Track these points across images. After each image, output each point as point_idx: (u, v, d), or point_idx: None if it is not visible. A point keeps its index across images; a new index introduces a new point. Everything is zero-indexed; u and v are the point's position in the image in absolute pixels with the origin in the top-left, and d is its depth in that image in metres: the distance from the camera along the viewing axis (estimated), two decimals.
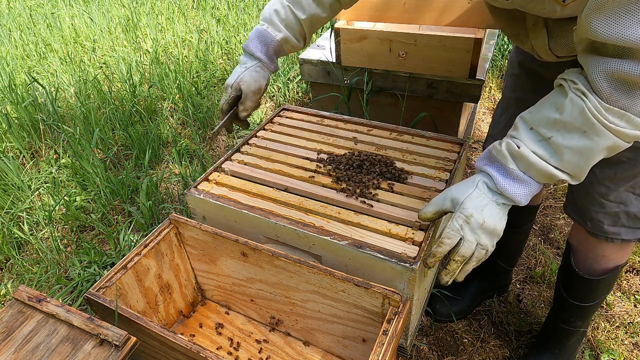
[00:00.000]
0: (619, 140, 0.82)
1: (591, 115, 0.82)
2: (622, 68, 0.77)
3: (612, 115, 0.80)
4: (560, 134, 0.85)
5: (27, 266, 1.79)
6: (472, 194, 0.93)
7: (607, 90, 0.80)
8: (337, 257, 1.14)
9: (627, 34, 0.71)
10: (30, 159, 2.39)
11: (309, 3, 1.21)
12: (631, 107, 0.79)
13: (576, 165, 0.87)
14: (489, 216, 0.91)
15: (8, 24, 4.27)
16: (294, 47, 1.27)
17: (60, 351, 0.88)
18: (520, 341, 1.47)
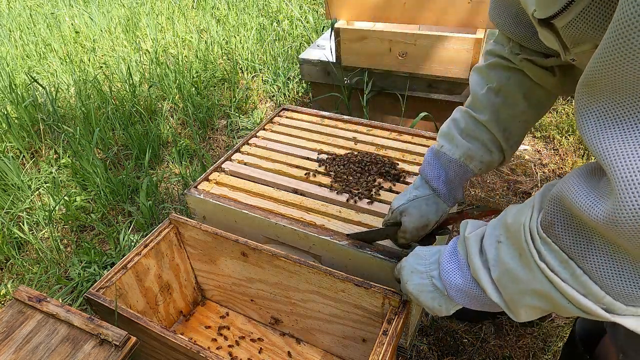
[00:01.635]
0: (557, 294, 0.59)
1: (523, 237, 0.61)
2: (573, 196, 0.54)
3: (548, 252, 0.58)
4: (507, 243, 0.66)
5: (27, 266, 1.79)
6: (422, 253, 0.84)
7: (549, 216, 0.58)
8: (337, 257, 1.14)
9: (601, 146, 0.48)
10: (30, 159, 2.39)
11: (489, 98, 0.91)
12: (580, 259, 0.55)
13: (509, 293, 0.66)
14: (414, 283, 0.81)
15: (8, 24, 4.27)
16: (486, 162, 0.95)
17: (60, 351, 0.88)
18: (520, 342, 1.47)
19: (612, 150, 0.47)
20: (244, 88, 2.95)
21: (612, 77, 0.46)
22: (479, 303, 0.74)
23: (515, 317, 0.69)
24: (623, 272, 0.52)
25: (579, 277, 0.55)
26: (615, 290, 0.53)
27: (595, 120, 0.49)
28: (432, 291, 0.79)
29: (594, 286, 0.54)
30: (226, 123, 2.66)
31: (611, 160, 0.47)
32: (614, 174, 0.47)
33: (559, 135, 2.36)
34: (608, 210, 0.48)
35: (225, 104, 2.79)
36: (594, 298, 0.55)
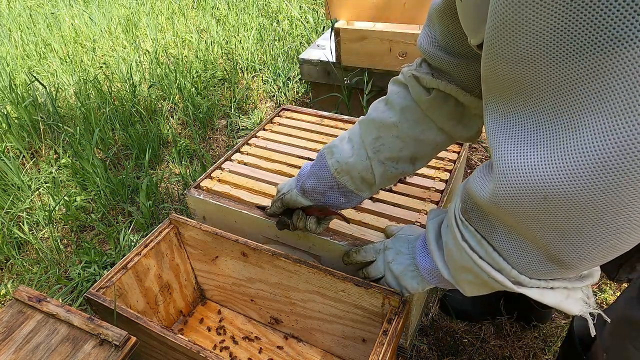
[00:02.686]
0: (479, 270, 0.65)
1: (452, 221, 0.69)
2: (473, 181, 0.61)
3: (467, 233, 0.65)
4: (446, 228, 0.74)
5: (27, 266, 1.79)
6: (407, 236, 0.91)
7: (464, 203, 0.66)
8: (337, 257, 1.14)
9: (490, 136, 0.54)
10: (30, 159, 2.39)
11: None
12: (488, 237, 0.62)
13: (452, 269, 0.75)
14: (399, 262, 0.89)
15: (8, 24, 4.27)
16: (346, 165, 0.94)
17: (60, 351, 0.88)
18: (520, 342, 1.47)
19: (497, 141, 0.53)
20: (244, 88, 2.95)
21: (491, 77, 0.52)
22: (445, 283, 0.81)
23: (463, 292, 0.76)
24: (521, 248, 0.58)
25: (491, 254, 0.62)
26: (518, 264, 0.60)
27: (489, 112, 0.55)
28: (413, 270, 0.87)
29: (502, 262, 0.61)
30: (226, 123, 2.66)
31: (496, 148, 0.53)
32: (493, 164, 0.54)
33: None
34: (490, 191, 0.56)
35: (225, 104, 2.79)
36: (505, 273, 0.62)
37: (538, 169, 0.48)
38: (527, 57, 0.45)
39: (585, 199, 0.46)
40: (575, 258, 0.53)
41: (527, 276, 0.60)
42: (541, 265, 0.58)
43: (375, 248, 0.97)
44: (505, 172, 0.51)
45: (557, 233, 0.51)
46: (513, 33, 0.45)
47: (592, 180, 0.44)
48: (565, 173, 0.46)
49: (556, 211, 0.49)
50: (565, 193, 0.47)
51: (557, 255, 0.54)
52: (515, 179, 0.51)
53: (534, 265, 0.58)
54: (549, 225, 0.51)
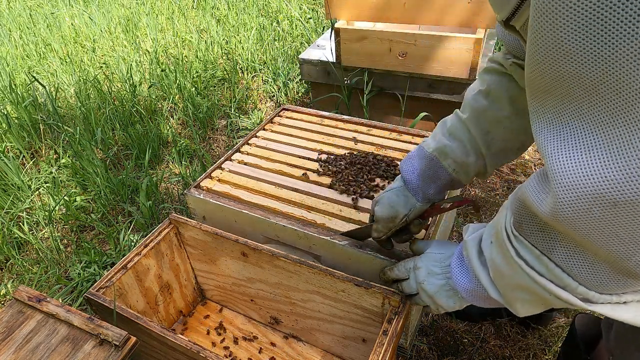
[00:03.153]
0: (539, 288, 0.60)
1: (502, 237, 0.64)
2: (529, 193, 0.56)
3: (523, 249, 0.61)
4: (495, 244, 0.69)
5: (27, 266, 1.79)
6: (438, 253, 0.87)
7: (517, 216, 0.62)
8: (337, 257, 1.14)
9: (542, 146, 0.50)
10: (30, 159, 2.39)
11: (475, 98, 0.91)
12: (549, 251, 0.58)
13: (504, 291, 0.70)
14: (431, 284, 0.85)
15: (8, 24, 4.27)
16: (460, 163, 0.92)
17: (60, 351, 0.88)
18: (521, 342, 1.47)
19: (550, 149, 0.49)
20: (244, 88, 2.95)
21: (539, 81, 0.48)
22: (489, 302, 0.76)
23: (515, 312, 0.70)
24: (588, 263, 0.54)
25: (553, 270, 0.57)
26: (586, 279, 0.55)
27: (535, 120, 0.51)
28: (448, 290, 0.82)
29: (567, 278, 0.56)
30: (226, 123, 2.66)
31: (549, 159, 0.49)
32: (550, 175, 0.50)
33: None
34: (550, 205, 0.51)
35: (225, 104, 2.79)
36: (570, 289, 0.57)
37: (602, 175, 0.44)
38: (572, 50, 0.42)
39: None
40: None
41: (597, 292, 0.55)
42: (612, 279, 0.53)
43: (406, 266, 0.92)
44: (565, 184, 0.48)
45: (629, 244, 0.47)
46: (555, 23, 0.42)
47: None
48: (636, 174, 0.42)
49: (628, 218, 0.45)
50: (633, 194, 0.43)
51: (630, 268, 0.50)
52: (577, 189, 0.47)
53: (604, 280, 0.53)
54: (620, 235, 0.47)
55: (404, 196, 0.97)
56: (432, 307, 0.88)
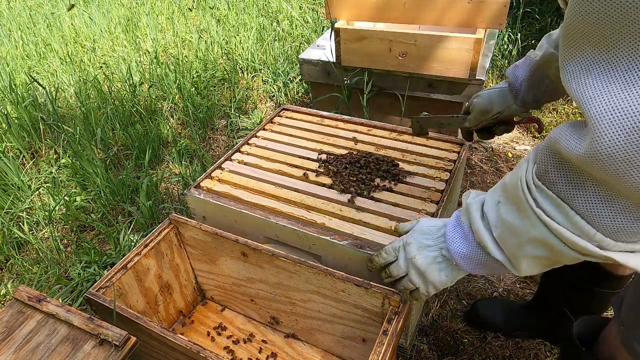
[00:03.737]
0: (555, 239, 0.63)
1: (520, 188, 0.66)
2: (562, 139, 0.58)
3: (543, 199, 0.63)
4: (506, 202, 0.71)
5: (27, 266, 1.79)
6: (428, 227, 0.87)
7: (542, 165, 0.63)
8: (337, 257, 1.14)
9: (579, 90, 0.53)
10: (30, 159, 2.39)
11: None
12: (571, 199, 0.60)
13: (510, 247, 0.71)
14: (423, 257, 0.85)
15: (8, 24, 4.27)
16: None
17: (60, 351, 0.88)
18: (521, 342, 1.47)
19: (588, 92, 0.52)
20: (244, 88, 2.95)
21: (580, 26, 0.51)
22: (485, 267, 0.78)
23: (517, 272, 0.73)
24: (610, 208, 0.57)
25: (572, 218, 0.60)
26: (604, 226, 0.58)
27: (573, 68, 0.54)
28: (441, 262, 0.83)
29: (585, 225, 0.59)
30: (226, 123, 2.66)
31: (588, 101, 0.52)
32: (589, 115, 0.52)
33: None
34: (587, 146, 0.53)
35: (225, 104, 2.79)
36: (587, 237, 0.59)
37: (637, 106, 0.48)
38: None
39: None
40: None
41: (612, 239, 0.59)
42: (630, 223, 0.56)
43: (393, 247, 0.93)
44: (606, 120, 0.50)
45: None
46: None
47: None
48: None
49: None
50: None
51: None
52: (619, 124, 0.49)
53: (622, 227, 0.57)
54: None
55: (503, 95, 1.08)
56: (422, 288, 0.88)
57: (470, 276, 1.68)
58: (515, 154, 2.28)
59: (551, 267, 0.71)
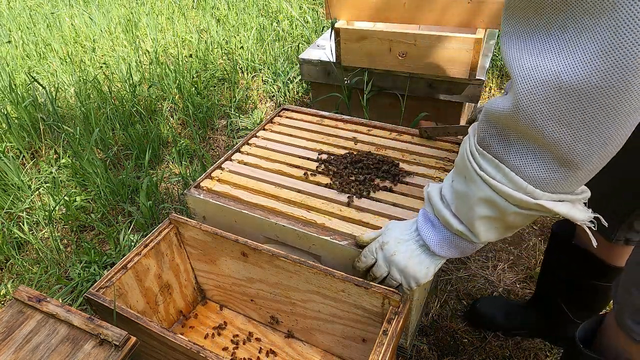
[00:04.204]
0: (497, 196, 0.71)
1: (466, 157, 0.75)
2: (492, 103, 0.67)
3: (484, 162, 0.71)
4: (456, 176, 0.80)
5: (27, 266, 1.79)
6: (401, 225, 0.93)
7: (480, 133, 0.72)
8: (337, 257, 1.14)
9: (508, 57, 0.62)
10: (30, 159, 2.39)
11: None
12: (505, 157, 0.69)
13: (465, 214, 0.79)
14: (402, 251, 0.90)
15: (8, 24, 4.27)
16: None
17: (60, 351, 0.88)
18: (521, 342, 1.47)
19: (512, 56, 0.61)
20: (244, 88, 2.95)
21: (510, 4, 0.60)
22: (456, 247, 0.85)
23: (477, 238, 0.80)
24: (535, 161, 0.66)
25: (508, 174, 0.68)
26: (532, 178, 0.67)
27: (506, 38, 0.63)
28: (420, 254, 0.89)
29: (518, 179, 0.68)
30: (226, 123, 2.66)
31: (512, 64, 0.61)
32: (513, 74, 0.61)
33: None
34: (511, 103, 0.63)
35: (225, 104, 2.79)
36: (520, 189, 0.68)
37: (553, 65, 0.56)
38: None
39: (592, 84, 0.54)
40: (582, 155, 0.61)
41: (541, 190, 0.67)
42: (553, 173, 0.65)
43: (370, 249, 0.98)
44: (522, 74, 0.59)
45: (567, 129, 0.59)
46: None
47: (598, 66, 0.53)
48: (575, 64, 0.54)
49: (568, 101, 0.57)
50: (575, 80, 0.55)
51: (567, 156, 0.62)
52: (531, 76, 0.58)
53: (547, 175, 0.65)
54: (561, 120, 0.59)
55: None
56: (404, 283, 0.93)
57: (470, 276, 1.68)
58: None
59: (505, 232, 0.79)
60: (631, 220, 1.08)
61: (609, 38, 0.51)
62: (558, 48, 0.56)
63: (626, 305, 0.86)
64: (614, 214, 1.08)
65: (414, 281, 0.92)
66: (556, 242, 1.29)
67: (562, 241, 1.26)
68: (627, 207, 1.06)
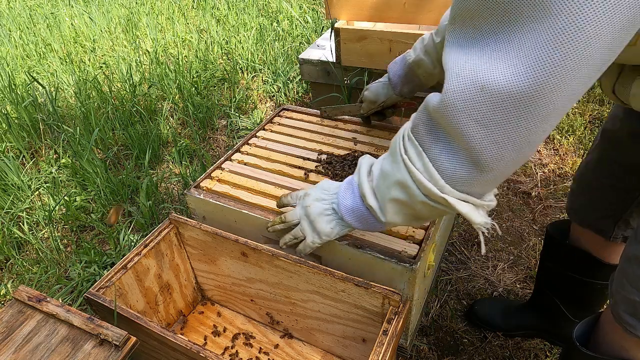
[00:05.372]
0: (412, 182, 0.75)
1: (398, 140, 0.79)
2: (430, 96, 0.70)
3: (410, 147, 0.75)
4: (388, 155, 0.83)
5: (27, 266, 1.79)
6: (327, 186, 1.01)
7: (415, 120, 0.75)
8: (337, 257, 1.14)
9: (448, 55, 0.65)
10: (30, 159, 2.39)
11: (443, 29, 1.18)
12: (428, 148, 0.72)
13: (381, 191, 0.84)
14: (317, 207, 0.98)
15: (8, 24, 4.27)
16: (429, 73, 1.27)
17: (60, 351, 0.88)
18: (521, 342, 1.47)
19: (452, 58, 0.64)
20: (244, 88, 2.95)
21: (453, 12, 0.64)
22: (364, 221, 0.91)
23: (384, 217, 0.85)
24: (453, 154, 0.69)
25: (426, 164, 0.72)
26: (447, 174, 0.70)
27: (450, 42, 0.66)
28: (329, 214, 0.96)
29: (433, 171, 0.71)
30: (226, 123, 2.66)
31: (447, 63, 0.64)
32: (446, 73, 0.64)
33: (559, 135, 2.36)
34: (440, 96, 0.66)
35: (225, 104, 2.79)
36: (433, 181, 0.72)
37: (480, 68, 0.59)
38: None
39: (510, 90, 0.57)
40: (493, 157, 0.65)
41: (452, 187, 0.71)
42: (464, 172, 0.69)
43: (298, 194, 1.06)
44: (454, 74, 0.63)
45: (484, 129, 0.63)
46: None
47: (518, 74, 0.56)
48: (498, 69, 0.58)
49: (487, 103, 0.60)
50: (496, 85, 0.58)
51: (479, 156, 0.65)
52: (461, 76, 0.62)
53: (459, 173, 0.69)
54: (479, 120, 0.62)
55: (386, 88, 1.39)
56: (308, 237, 1.00)
57: (470, 276, 1.68)
58: None
59: (411, 220, 0.84)
60: (626, 218, 1.08)
61: (529, 50, 0.54)
62: (488, 53, 0.59)
63: (621, 299, 0.87)
64: (609, 212, 1.09)
65: (317, 237, 0.99)
66: (551, 243, 1.30)
67: (557, 241, 1.27)
68: (622, 204, 1.07)
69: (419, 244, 1.08)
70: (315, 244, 1.01)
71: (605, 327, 0.97)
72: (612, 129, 1.06)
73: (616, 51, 0.55)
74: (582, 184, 1.19)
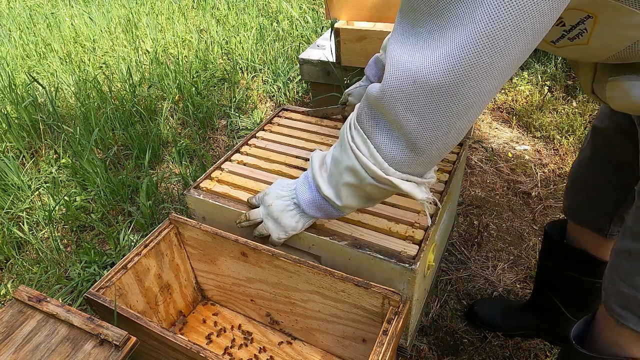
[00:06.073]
0: (360, 167, 0.82)
1: (345, 129, 0.85)
2: (372, 87, 0.75)
3: (356, 135, 0.81)
4: (337, 145, 0.89)
5: (27, 266, 1.79)
6: (284, 183, 1.06)
7: (360, 109, 0.81)
8: (337, 257, 1.14)
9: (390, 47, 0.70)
10: (30, 159, 2.39)
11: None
12: (372, 135, 0.78)
13: (334, 178, 0.90)
14: (277, 205, 1.04)
15: (8, 24, 4.27)
16: None
17: (60, 351, 0.88)
18: (521, 342, 1.47)
19: (391, 50, 0.69)
20: (244, 88, 2.95)
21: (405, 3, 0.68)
22: (323, 210, 0.97)
23: (340, 201, 0.91)
24: (393, 139, 0.75)
25: (371, 150, 0.78)
26: (390, 158, 0.77)
27: (393, 37, 0.70)
28: (292, 210, 1.03)
29: (377, 155, 0.78)
30: (226, 123, 2.66)
31: (389, 56, 0.69)
32: (387, 63, 0.70)
33: (559, 135, 2.36)
34: (379, 85, 0.72)
35: (225, 104, 2.79)
36: (378, 164, 0.79)
37: (413, 60, 0.65)
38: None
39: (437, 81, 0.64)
40: (426, 141, 0.72)
41: (393, 168, 0.78)
42: (404, 155, 0.76)
43: (259, 195, 1.13)
44: (392, 65, 0.68)
45: (416, 117, 0.69)
46: None
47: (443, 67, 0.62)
48: (427, 62, 0.64)
49: (419, 93, 0.67)
50: (425, 76, 0.64)
51: (414, 141, 0.72)
52: (398, 68, 0.67)
53: (399, 156, 0.76)
54: (412, 109, 0.69)
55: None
56: (274, 233, 1.07)
57: (470, 276, 1.69)
58: (515, 154, 2.28)
59: (365, 202, 0.91)
60: (621, 214, 1.09)
61: (455, 48, 0.61)
62: (421, 46, 0.65)
63: (612, 292, 0.88)
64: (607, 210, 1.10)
65: (283, 232, 1.06)
66: (550, 243, 1.31)
67: (556, 241, 1.28)
68: (617, 201, 1.07)
69: (418, 244, 1.08)
70: (282, 239, 1.09)
71: (600, 323, 0.98)
72: (601, 127, 1.07)
73: (527, 51, 0.62)
74: (579, 182, 1.19)
